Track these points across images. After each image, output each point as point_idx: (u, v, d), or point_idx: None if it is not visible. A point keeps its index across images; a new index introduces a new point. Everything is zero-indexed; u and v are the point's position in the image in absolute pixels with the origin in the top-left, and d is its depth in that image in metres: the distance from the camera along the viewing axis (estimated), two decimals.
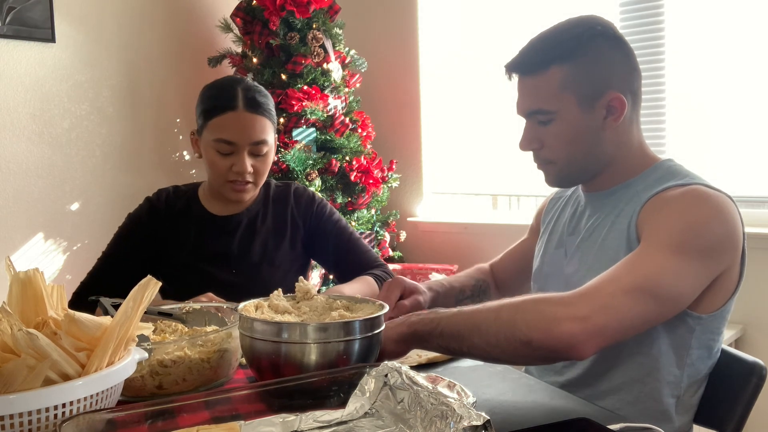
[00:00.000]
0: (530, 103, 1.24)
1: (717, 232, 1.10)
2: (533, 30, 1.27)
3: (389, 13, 3.28)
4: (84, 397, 0.79)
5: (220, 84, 1.64)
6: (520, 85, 1.26)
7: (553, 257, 1.36)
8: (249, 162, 1.57)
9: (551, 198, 1.49)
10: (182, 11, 3.11)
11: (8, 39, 2.55)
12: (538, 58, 1.22)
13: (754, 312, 2.23)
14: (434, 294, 1.42)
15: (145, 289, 0.88)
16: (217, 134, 1.56)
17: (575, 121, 1.21)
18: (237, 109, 1.55)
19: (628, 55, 1.23)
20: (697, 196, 1.12)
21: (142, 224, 1.67)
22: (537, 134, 1.25)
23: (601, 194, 1.29)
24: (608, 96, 1.20)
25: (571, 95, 1.20)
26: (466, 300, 1.51)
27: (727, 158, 2.42)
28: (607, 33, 1.22)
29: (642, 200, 1.18)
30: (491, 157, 3.07)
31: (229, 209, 1.69)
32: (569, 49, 1.20)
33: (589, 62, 1.20)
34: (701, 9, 2.45)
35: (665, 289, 1.05)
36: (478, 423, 0.67)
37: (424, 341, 1.07)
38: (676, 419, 1.20)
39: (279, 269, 1.67)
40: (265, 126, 1.58)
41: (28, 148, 2.65)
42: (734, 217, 1.13)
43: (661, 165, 1.25)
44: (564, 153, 1.24)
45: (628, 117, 1.23)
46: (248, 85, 1.60)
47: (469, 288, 1.52)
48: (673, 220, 1.10)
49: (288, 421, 0.83)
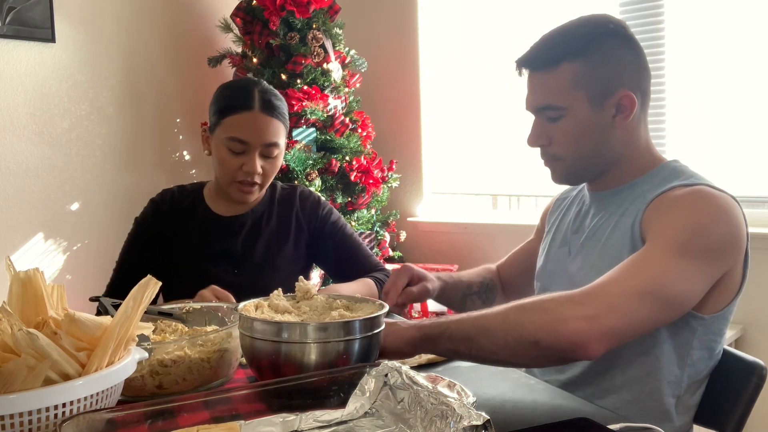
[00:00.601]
0: (540, 98, 1.24)
1: (721, 233, 1.10)
2: (534, 30, 1.27)
3: (389, 13, 3.28)
4: (84, 397, 0.79)
5: (237, 84, 1.67)
6: (530, 81, 1.26)
7: (557, 255, 1.36)
8: (259, 163, 1.58)
9: (557, 198, 1.49)
10: (182, 11, 3.11)
11: (8, 39, 2.55)
12: (550, 54, 1.22)
13: (754, 312, 2.23)
14: (442, 284, 1.43)
15: (145, 289, 0.88)
16: (230, 132, 1.57)
17: (585, 119, 1.21)
18: (253, 110, 1.56)
19: (639, 55, 1.23)
20: (701, 196, 1.12)
21: (148, 226, 1.69)
22: (545, 130, 1.25)
23: (606, 194, 1.29)
24: (619, 94, 1.20)
25: (582, 92, 1.20)
26: (473, 296, 1.51)
27: (727, 158, 2.42)
28: (619, 32, 1.22)
29: (647, 200, 1.18)
30: (491, 157, 3.06)
31: (233, 210, 1.70)
32: (581, 46, 1.20)
33: (601, 60, 1.20)
34: (701, 9, 2.45)
35: (672, 291, 1.05)
36: (478, 423, 0.67)
37: (433, 344, 1.07)
38: (677, 419, 1.20)
39: (281, 271, 1.67)
40: (279, 129, 1.60)
41: (28, 148, 2.65)
42: (738, 218, 1.13)
43: (667, 165, 1.25)
44: (572, 150, 1.24)
45: (637, 116, 1.23)
46: (265, 87, 1.62)
47: (476, 284, 1.53)
48: (677, 220, 1.10)
49: (288, 421, 0.83)
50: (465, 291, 1.50)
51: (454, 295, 1.49)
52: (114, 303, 1.15)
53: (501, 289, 1.57)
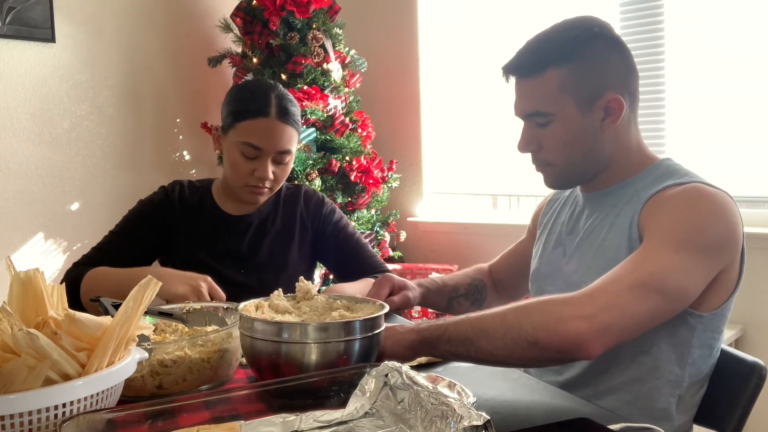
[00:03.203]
0: (528, 105, 1.24)
1: (718, 229, 1.10)
2: (533, 30, 1.26)
3: (389, 13, 3.28)
4: (84, 397, 0.79)
5: (253, 87, 1.64)
6: (517, 87, 1.26)
7: (552, 257, 1.36)
8: (271, 169, 1.58)
9: (549, 200, 1.49)
10: (182, 11, 3.11)
11: (8, 39, 2.55)
12: (535, 59, 1.21)
13: (754, 312, 2.23)
14: (424, 290, 1.44)
15: (145, 289, 0.88)
16: (244, 137, 1.56)
17: (573, 123, 1.21)
18: (269, 116, 1.55)
19: (626, 56, 1.23)
20: (696, 194, 1.13)
21: (155, 208, 1.67)
22: (535, 136, 1.25)
23: (599, 194, 1.29)
24: (606, 97, 1.20)
25: (569, 97, 1.20)
26: (460, 298, 1.51)
27: (727, 158, 2.42)
28: (605, 34, 1.22)
29: (642, 199, 1.18)
30: (491, 157, 3.06)
31: (241, 209, 1.71)
32: (567, 51, 1.19)
33: (587, 64, 1.19)
34: (701, 9, 2.45)
35: (670, 284, 1.05)
36: (479, 423, 0.67)
37: (432, 347, 1.07)
38: (677, 418, 1.20)
39: (286, 270, 1.68)
40: (293, 136, 1.59)
41: (28, 148, 2.65)
42: (734, 214, 1.13)
43: (660, 164, 1.25)
44: (563, 155, 1.24)
45: (626, 118, 1.23)
46: (281, 93, 1.60)
47: (463, 286, 1.53)
48: (674, 218, 1.11)
49: (288, 421, 0.82)
50: (451, 294, 1.51)
51: (439, 300, 1.50)
52: (114, 303, 1.15)
53: (494, 289, 1.57)
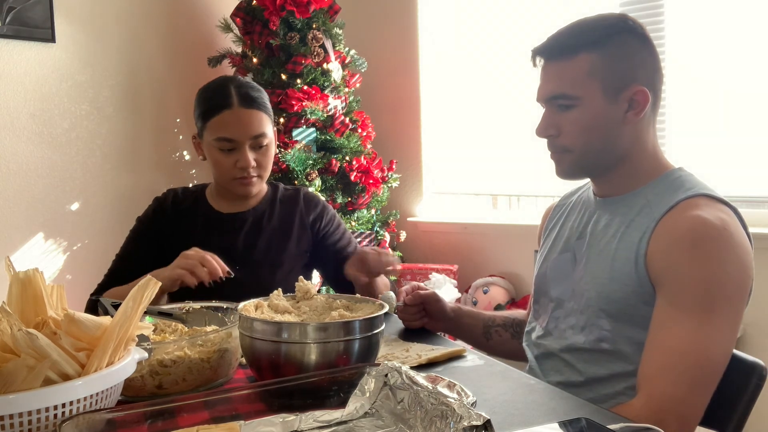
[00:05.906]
0: (554, 87, 1.24)
1: (734, 274, 1.12)
2: (533, 30, 1.27)
3: (389, 13, 3.28)
4: (84, 397, 0.79)
5: (213, 85, 1.67)
6: (545, 70, 1.27)
7: (559, 262, 1.35)
8: (252, 156, 1.60)
9: (555, 205, 1.48)
10: (182, 11, 3.11)
11: (8, 39, 2.55)
12: (569, 43, 1.23)
13: (754, 312, 2.20)
14: (456, 308, 1.49)
15: (145, 289, 0.88)
16: (216, 133, 1.59)
17: (597, 110, 1.21)
18: (232, 107, 1.58)
19: (654, 56, 1.24)
20: (704, 235, 1.11)
21: (150, 222, 1.71)
22: (555, 120, 1.25)
23: (611, 200, 1.28)
24: (633, 88, 1.21)
25: (597, 82, 1.20)
26: (498, 327, 1.52)
27: (727, 157, 2.42)
28: (637, 30, 1.24)
29: (654, 216, 1.18)
30: (491, 157, 3.06)
31: (235, 207, 1.71)
32: (600, 38, 1.21)
33: (619, 53, 1.21)
34: (701, 8, 2.45)
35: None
36: (478, 423, 0.67)
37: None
38: None
39: (282, 269, 1.68)
40: (262, 119, 1.62)
41: (28, 148, 2.65)
42: (743, 244, 1.13)
43: (671, 174, 1.25)
44: (581, 140, 1.24)
45: (647, 115, 1.24)
46: (240, 82, 1.64)
47: (500, 318, 1.54)
48: (691, 275, 1.11)
49: (288, 421, 0.82)
50: (487, 322, 1.52)
51: (473, 323, 1.51)
52: (114, 303, 1.15)
53: None
